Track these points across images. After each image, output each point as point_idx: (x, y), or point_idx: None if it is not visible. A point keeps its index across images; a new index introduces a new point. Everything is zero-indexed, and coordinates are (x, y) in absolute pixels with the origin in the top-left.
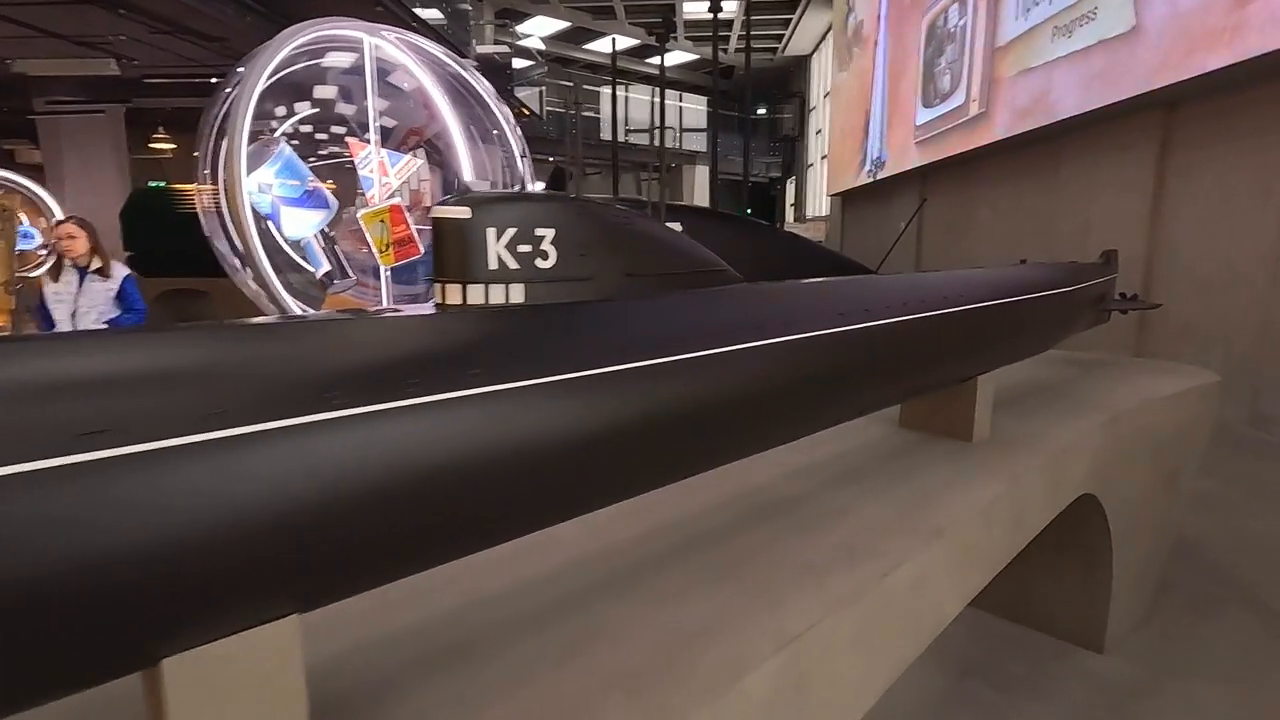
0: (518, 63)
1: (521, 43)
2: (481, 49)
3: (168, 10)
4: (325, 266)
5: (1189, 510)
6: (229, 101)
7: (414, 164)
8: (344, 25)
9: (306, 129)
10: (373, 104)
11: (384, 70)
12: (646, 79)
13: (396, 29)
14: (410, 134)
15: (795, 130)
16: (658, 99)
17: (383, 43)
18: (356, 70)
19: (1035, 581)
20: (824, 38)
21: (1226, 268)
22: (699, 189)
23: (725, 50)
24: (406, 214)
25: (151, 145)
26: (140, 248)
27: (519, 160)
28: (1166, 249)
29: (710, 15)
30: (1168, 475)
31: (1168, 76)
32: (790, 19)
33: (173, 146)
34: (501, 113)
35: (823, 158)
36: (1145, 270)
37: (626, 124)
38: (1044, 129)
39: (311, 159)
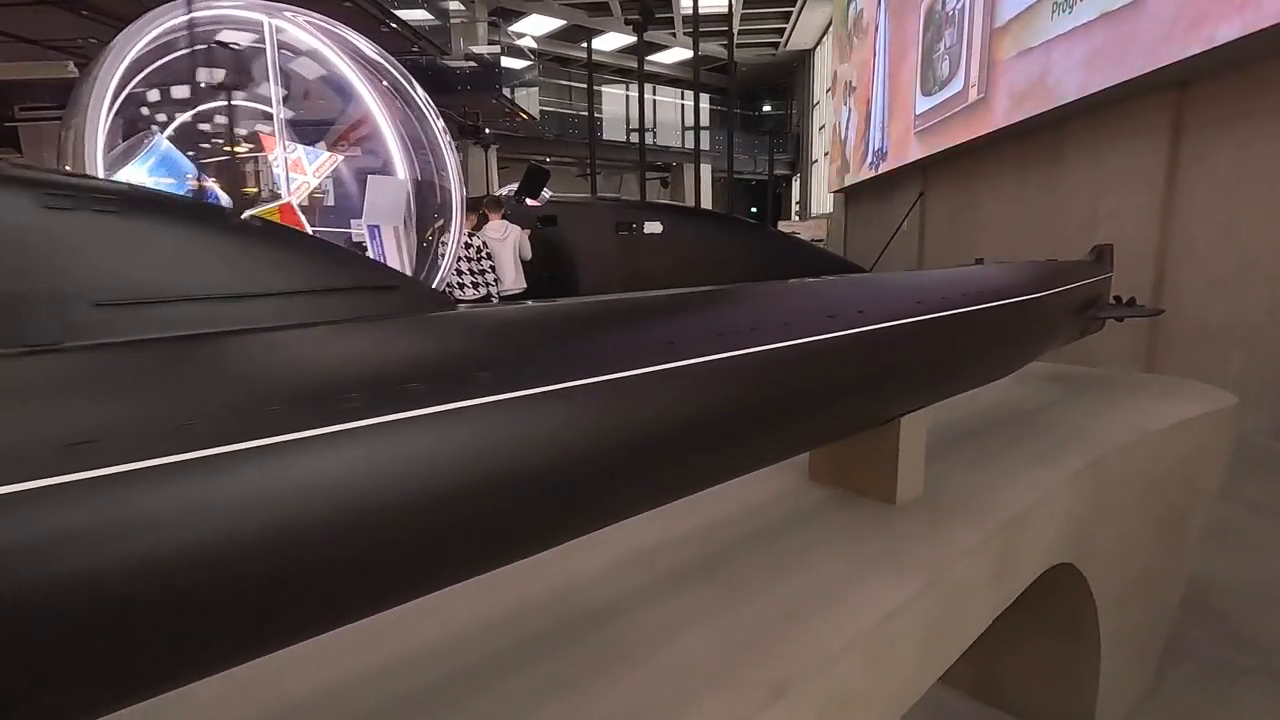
0: (512, 63)
1: (516, 42)
2: (475, 49)
3: (130, 11)
4: None
5: (1200, 545)
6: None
7: (334, 160)
8: (229, 2)
9: (191, 121)
10: (275, 92)
11: (298, 59)
12: (649, 77)
13: (305, 11)
14: (351, 130)
15: (786, 125)
16: (658, 96)
17: (288, 25)
18: (283, 59)
19: (1003, 656)
20: (826, 31)
21: (1246, 262)
22: (701, 187)
23: (726, 45)
24: (301, 214)
25: None
26: None
27: (446, 160)
28: (1180, 242)
29: (716, 10)
30: (1172, 523)
31: (1173, 51)
32: (791, 12)
33: None
34: (430, 110)
35: (825, 154)
36: (1157, 265)
37: (629, 124)
38: (1047, 115)
39: (194, 153)
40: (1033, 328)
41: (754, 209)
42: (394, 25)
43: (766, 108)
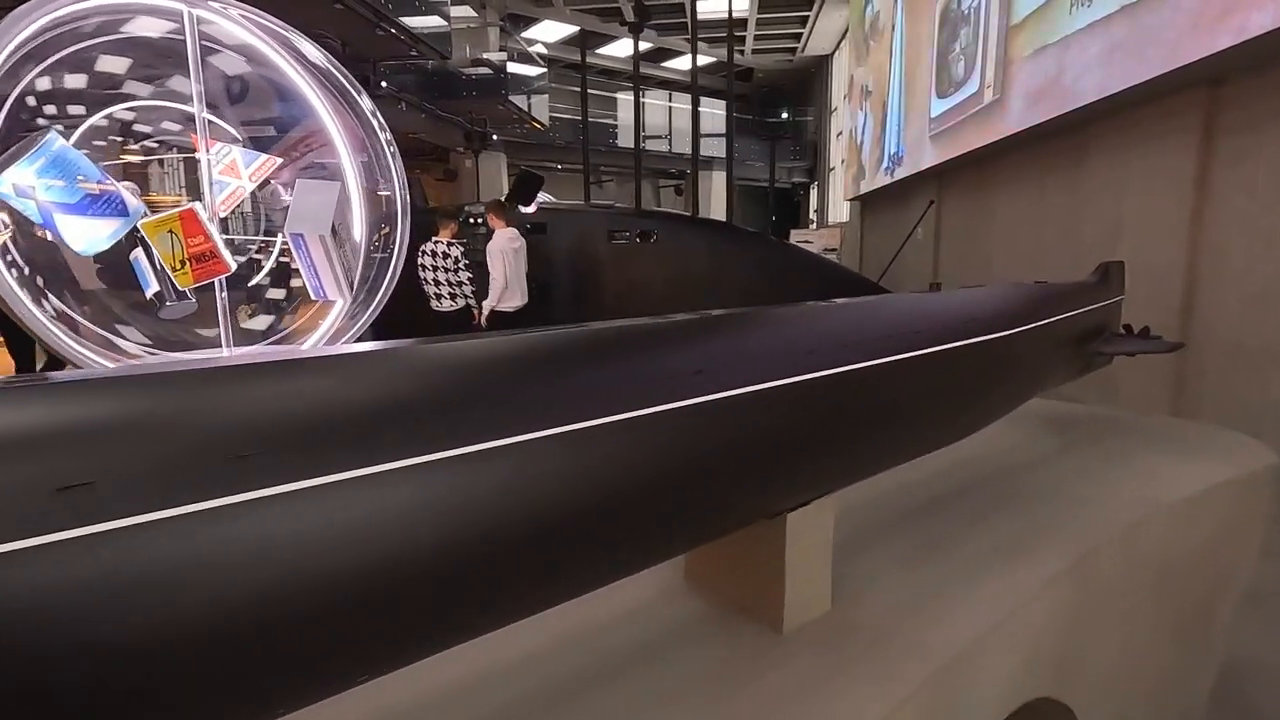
0: (525, 70)
1: (527, 49)
2: (488, 55)
3: None
4: (153, 286)
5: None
6: None
7: (272, 163)
8: None
9: (108, 119)
10: (196, 89)
11: (229, 55)
12: (663, 84)
13: (241, 5)
14: (294, 132)
15: (803, 131)
16: (674, 103)
17: (215, 17)
18: (213, 56)
19: None
20: (844, 36)
21: None
22: (715, 196)
23: (742, 51)
24: (206, 222)
25: None
26: None
27: (392, 170)
28: (1212, 253)
29: (724, 15)
30: (1193, 621)
31: (1200, 45)
32: (808, 16)
33: None
34: (376, 118)
35: (842, 161)
36: (1186, 280)
37: (644, 130)
38: (1067, 117)
39: (92, 153)
40: (1008, 374)
41: (773, 217)
42: (390, 30)
43: (785, 114)
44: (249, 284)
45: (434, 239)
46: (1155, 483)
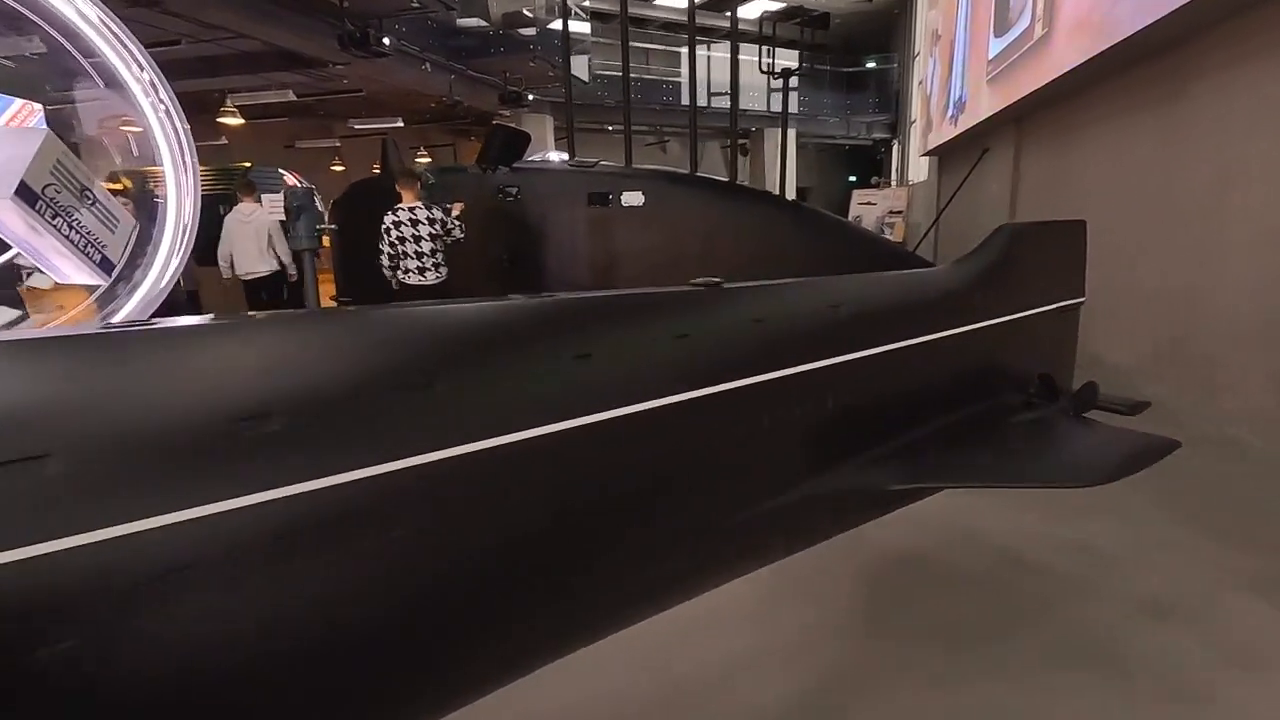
0: (559, 24)
1: (572, 5)
2: (527, 12)
3: None
4: None
5: None
6: None
7: (33, 112)
8: None
9: None
10: None
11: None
12: (727, 35)
13: None
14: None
15: (881, 81)
16: (741, 56)
17: None
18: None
19: None
20: None
21: None
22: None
23: None
24: None
25: None
26: None
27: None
28: None
29: None
30: None
31: None
32: None
33: None
34: (156, 74)
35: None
36: None
37: (709, 86)
38: (1153, 36)
39: None
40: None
41: (852, 178)
42: None
43: (871, 64)
44: None
45: (403, 206)
46: None
